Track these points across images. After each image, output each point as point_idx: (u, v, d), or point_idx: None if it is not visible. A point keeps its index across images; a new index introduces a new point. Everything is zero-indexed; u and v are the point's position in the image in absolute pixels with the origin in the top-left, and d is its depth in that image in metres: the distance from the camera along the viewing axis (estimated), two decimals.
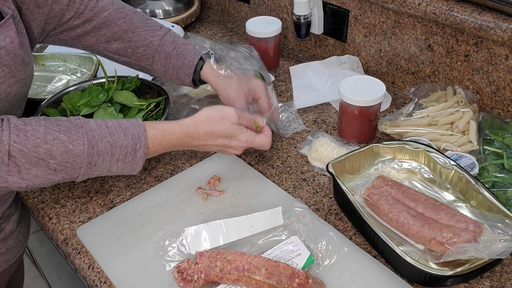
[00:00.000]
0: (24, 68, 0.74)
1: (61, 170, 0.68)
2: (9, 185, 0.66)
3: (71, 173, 0.69)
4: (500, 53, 0.96)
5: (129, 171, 0.74)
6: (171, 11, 1.51)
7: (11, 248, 0.88)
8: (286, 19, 1.39)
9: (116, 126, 0.72)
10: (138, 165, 0.74)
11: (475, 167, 0.87)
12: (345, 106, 0.97)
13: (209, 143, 0.81)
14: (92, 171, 0.70)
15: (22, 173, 0.65)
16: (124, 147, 0.71)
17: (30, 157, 0.64)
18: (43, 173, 0.66)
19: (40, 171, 0.66)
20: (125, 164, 0.73)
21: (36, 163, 0.65)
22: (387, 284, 0.72)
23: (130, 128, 0.73)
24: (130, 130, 0.72)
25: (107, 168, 0.72)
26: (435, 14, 0.99)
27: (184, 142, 0.79)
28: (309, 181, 0.93)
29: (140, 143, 0.72)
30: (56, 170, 0.67)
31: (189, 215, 0.85)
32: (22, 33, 0.75)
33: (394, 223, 0.78)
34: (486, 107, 1.04)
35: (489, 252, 0.68)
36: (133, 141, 0.72)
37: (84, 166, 0.69)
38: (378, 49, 1.19)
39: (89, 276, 0.78)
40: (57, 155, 0.66)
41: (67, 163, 0.67)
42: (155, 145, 0.75)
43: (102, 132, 0.70)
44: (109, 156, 0.70)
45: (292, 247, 0.75)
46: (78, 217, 0.87)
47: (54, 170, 0.67)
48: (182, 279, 0.71)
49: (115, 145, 0.70)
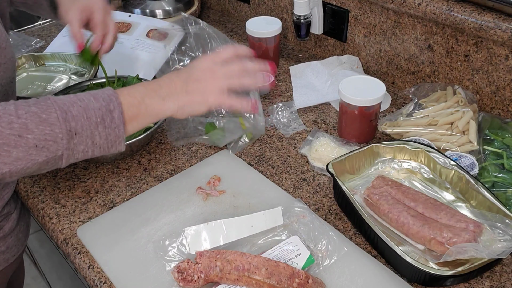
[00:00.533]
0: (2, 52, 0.73)
1: (43, 147, 0.64)
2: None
3: (54, 149, 0.65)
4: (500, 53, 0.96)
5: (114, 138, 0.70)
6: (171, 11, 1.51)
7: (11, 247, 0.88)
8: (286, 19, 1.39)
9: (84, 94, 0.70)
10: (120, 129, 0.70)
11: (475, 167, 0.87)
12: (345, 106, 0.97)
13: (173, 76, 0.77)
14: (75, 144, 0.67)
15: (1, 156, 0.62)
16: (98, 109, 0.68)
17: (6, 136, 0.61)
18: (25, 153, 0.63)
19: (21, 152, 0.63)
20: (107, 130, 0.69)
21: (15, 143, 0.62)
22: (387, 284, 0.72)
23: (99, 93, 0.70)
24: (99, 94, 0.70)
25: (90, 137, 0.68)
26: (435, 14, 0.99)
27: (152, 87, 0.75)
28: (309, 181, 0.93)
29: (112, 103, 0.69)
30: (37, 146, 0.64)
31: (189, 215, 0.85)
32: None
33: (394, 223, 0.78)
34: (486, 107, 1.04)
35: (489, 252, 0.68)
36: (105, 102, 0.69)
37: (64, 136, 0.65)
38: (378, 49, 1.19)
39: (89, 276, 0.78)
40: (33, 127, 0.63)
41: (46, 136, 0.64)
42: (126, 100, 0.71)
43: (71, 99, 0.68)
44: (86, 121, 0.67)
45: (292, 247, 0.75)
46: (78, 217, 0.87)
47: (35, 147, 0.64)
48: (182, 279, 0.71)
49: (88, 108, 0.67)
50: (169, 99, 0.75)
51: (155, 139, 1.05)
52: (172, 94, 0.76)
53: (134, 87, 0.74)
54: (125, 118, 0.70)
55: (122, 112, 0.70)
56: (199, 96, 0.78)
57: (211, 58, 0.81)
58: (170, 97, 0.75)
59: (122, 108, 0.70)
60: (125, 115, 0.71)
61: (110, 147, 0.71)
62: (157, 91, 0.75)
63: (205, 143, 1.02)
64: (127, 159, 0.99)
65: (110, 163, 0.98)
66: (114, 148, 0.71)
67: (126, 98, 0.71)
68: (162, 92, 0.75)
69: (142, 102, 0.73)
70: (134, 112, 0.72)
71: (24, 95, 1.16)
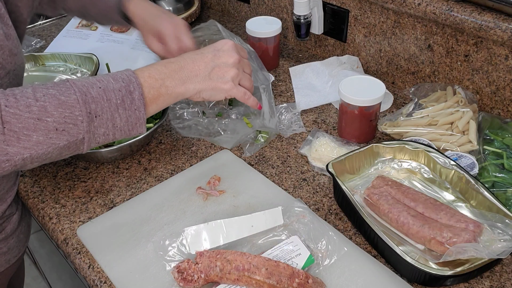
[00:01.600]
0: (13, 59, 0.73)
1: (63, 130, 0.63)
2: (11, 158, 0.61)
3: (75, 132, 0.64)
4: (500, 53, 0.96)
5: (134, 120, 0.69)
6: (171, 11, 1.51)
7: (13, 248, 0.88)
8: (286, 19, 1.39)
9: (103, 76, 0.68)
10: (141, 111, 0.69)
11: (475, 167, 0.87)
12: (345, 106, 0.97)
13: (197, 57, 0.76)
14: (95, 127, 0.66)
15: (21, 140, 0.60)
16: (117, 90, 0.67)
17: (25, 120, 0.60)
18: (45, 137, 0.62)
19: (41, 136, 0.62)
20: (127, 112, 0.67)
21: (34, 126, 0.61)
22: (387, 284, 0.73)
23: (118, 74, 0.69)
24: (119, 75, 0.69)
25: (111, 120, 0.66)
26: (435, 14, 0.99)
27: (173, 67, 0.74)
28: (309, 181, 0.93)
29: (132, 84, 0.68)
30: (57, 130, 0.62)
31: (189, 215, 0.85)
32: (8, 24, 0.72)
33: (394, 223, 0.78)
34: (486, 107, 1.04)
35: (489, 252, 0.68)
36: (124, 83, 0.68)
37: (84, 118, 0.64)
38: (378, 49, 1.19)
39: (89, 276, 0.78)
40: (52, 110, 0.62)
41: (66, 118, 0.63)
42: (147, 81, 0.70)
43: (90, 81, 0.66)
44: (106, 103, 0.65)
45: (292, 247, 0.75)
46: (78, 217, 0.87)
47: (56, 130, 0.62)
48: (182, 279, 0.71)
49: (108, 89, 0.66)
50: (190, 82, 0.74)
51: (155, 139, 1.05)
52: (193, 77, 0.74)
53: (155, 67, 0.73)
54: (145, 99, 0.69)
55: (143, 93, 0.69)
56: (220, 83, 0.77)
57: (236, 46, 0.80)
58: (191, 80, 0.74)
59: (142, 89, 0.69)
60: (146, 96, 0.69)
61: (131, 130, 0.69)
62: (178, 73, 0.74)
63: (213, 143, 1.02)
64: (127, 159, 0.99)
65: (110, 163, 0.98)
66: (135, 131, 0.70)
67: (146, 80, 0.70)
68: (183, 74, 0.74)
69: (162, 84, 0.72)
70: (155, 94, 0.71)
71: None
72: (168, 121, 1.10)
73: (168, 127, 1.08)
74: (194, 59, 0.76)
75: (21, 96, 0.61)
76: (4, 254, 0.86)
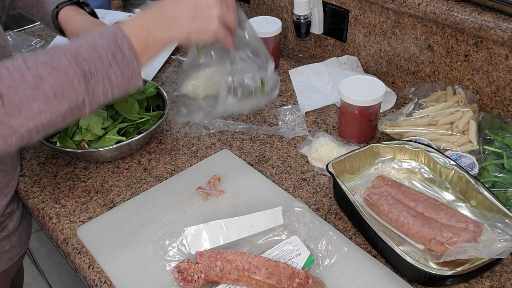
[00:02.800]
0: (2, 51, 0.73)
1: (62, 95, 0.62)
2: (17, 131, 0.60)
3: (74, 95, 0.63)
4: (500, 53, 0.96)
5: (129, 74, 0.68)
6: None
7: (15, 246, 0.88)
8: (286, 19, 1.39)
9: (89, 34, 0.67)
10: (134, 63, 0.68)
11: (475, 167, 0.87)
12: (345, 106, 0.97)
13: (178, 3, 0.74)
14: (93, 87, 0.65)
15: (23, 111, 0.60)
16: (107, 47, 0.66)
17: (22, 90, 0.59)
18: (46, 105, 0.61)
19: (42, 104, 0.61)
20: (120, 66, 0.67)
21: (33, 95, 0.60)
22: (387, 283, 0.72)
23: (103, 30, 0.68)
24: (104, 32, 0.68)
25: (106, 77, 0.66)
26: (435, 14, 0.99)
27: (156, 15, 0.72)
28: (309, 181, 0.93)
29: (119, 37, 0.67)
30: (56, 95, 0.62)
31: (189, 215, 0.85)
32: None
33: (394, 223, 0.78)
34: (486, 107, 1.04)
35: (489, 252, 0.68)
36: (112, 39, 0.67)
37: (80, 79, 0.63)
38: (378, 49, 1.19)
39: (89, 275, 0.78)
40: (47, 76, 0.61)
41: (62, 83, 0.62)
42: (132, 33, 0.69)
43: (78, 42, 0.65)
44: (98, 61, 0.65)
45: (292, 247, 0.75)
46: (78, 217, 0.87)
47: (55, 96, 0.61)
48: (182, 279, 0.71)
49: (97, 47, 0.65)
50: (175, 27, 0.73)
51: (155, 139, 1.05)
52: (178, 22, 0.73)
53: (138, 17, 0.72)
54: (135, 51, 0.68)
55: (132, 46, 0.68)
56: (205, 24, 0.75)
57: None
58: (175, 25, 0.73)
59: (130, 42, 0.68)
60: (135, 49, 0.68)
61: (128, 84, 0.69)
62: (162, 20, 0.72)
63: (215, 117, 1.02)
64: (127, 159, 0.99)
65: (110, 163, 0.98)
66: (132, 85, 0.69)
67: (131, 32, 0.69)
68: (166, 21, 0.73)
69: (148, 33, 0.71)
70: (143, 44, 0.70)
71: None
72: (168, 121, 1.10)
73: (168, 127, 1.08)
74: (175, 3, 0.74)
75: (13, 68, 0.60)
76: (7, 252, 0.86)
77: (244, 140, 1.04)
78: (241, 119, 1.10)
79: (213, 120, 1.08)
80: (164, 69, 1.31)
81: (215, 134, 1.06)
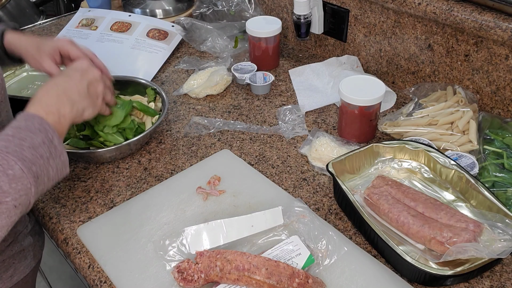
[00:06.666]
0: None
1: (19, 204, 0.61)
2: None
3: (26, 202, 0.63)
4: (500, 52, 0.96)
5: (61, 167, 0.69)
6: (171, 11, 1.51)
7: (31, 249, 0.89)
8: (286, 19, 1.39)
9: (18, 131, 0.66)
10: (64, 155, 0.69)
11: (475, 166, 0.87)
12: (345, 106, 0.97)
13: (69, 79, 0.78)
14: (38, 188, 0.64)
15: None
16: (43, 144, 0.66)
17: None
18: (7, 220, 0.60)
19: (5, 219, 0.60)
20: (56, 161, 0.68)
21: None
22: (387, 283, 0.72)
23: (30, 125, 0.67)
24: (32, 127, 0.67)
25: (46, 174, 0.66)
26: (435, 14, 0.99)
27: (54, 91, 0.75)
28: (309, 181, 0.93)
29: (49, 132, 0.68)
30: (16, 206, 0.61)
31: (189, 214, 0.85)
32: None
33: (394, 222, 0.78)
34: (486, 106, 1.04)
35: (489, 252, 0.68)
36: (43, 134, 0.67)
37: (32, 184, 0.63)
38: (378, 48, 1.19)
39: (89, 275, 0.78)
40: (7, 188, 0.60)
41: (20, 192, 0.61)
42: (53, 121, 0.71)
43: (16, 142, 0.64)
44: (40, 159, 0.65)
45: (292, 246, 0.75)
46: (78, 217, 0.87)
47: (15, 208, 0.61)
48: (182, 279, 0.71)
49: (35, 145, 0.65)
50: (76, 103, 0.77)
51: (155, 139, 1.05)
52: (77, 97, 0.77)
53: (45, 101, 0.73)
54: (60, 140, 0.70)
55: (58, 137, 0.69)
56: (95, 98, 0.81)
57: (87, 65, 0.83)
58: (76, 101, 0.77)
59: (57, 133, 0.69)
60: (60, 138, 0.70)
61: (59, 176, 0.70)
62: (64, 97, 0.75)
63: None
64: (127, 158, 0.99)
65: (110, 162, 0.98)
66: (62, 175, 0.71)
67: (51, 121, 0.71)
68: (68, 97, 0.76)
69: (60, 115, 0.74)
70: (61, 130, 0.73)
71: (24, 94, 1.16)
72: (168, 121, 1.10)
73: (168, 127, 1.08)
74: (68, 81, 0.78)
75: None
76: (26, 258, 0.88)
77: (244, 140, 1.04)
78: (241, 119, 1.10)
79: (213, 119, 1.08)
80: (164, 69, 1.31)
81: (215, 134, 1.06)
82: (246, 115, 1.12)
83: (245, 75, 1.20)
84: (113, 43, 1.34)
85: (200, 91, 1.17)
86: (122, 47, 1.33)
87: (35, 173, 0.63)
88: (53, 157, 0.67)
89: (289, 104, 1.14)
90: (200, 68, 1.25)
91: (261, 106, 1.14)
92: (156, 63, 1.30)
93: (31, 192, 0.63)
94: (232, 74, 1.21)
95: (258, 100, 1.17)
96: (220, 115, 1.12)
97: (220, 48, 1.34)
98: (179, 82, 1.25)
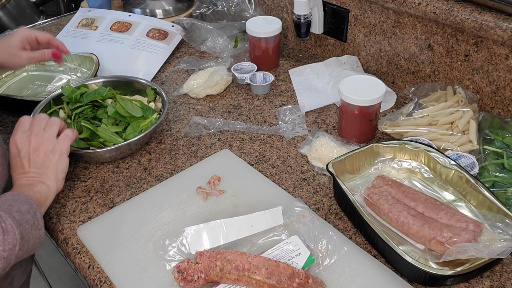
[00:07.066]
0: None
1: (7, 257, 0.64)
2: None
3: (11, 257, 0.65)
4: (500, 52, 0.96)
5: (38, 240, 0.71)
6: (171, 11, 1.51)
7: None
8: (286, 19, 1.39)
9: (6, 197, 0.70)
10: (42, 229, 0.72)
11: (475, 166, 0.87)
12: (345, 106, 0.97)
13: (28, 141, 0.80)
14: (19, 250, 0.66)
15: None
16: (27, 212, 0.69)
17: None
18: None
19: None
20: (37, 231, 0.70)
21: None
22: (387, 283, 0.72)
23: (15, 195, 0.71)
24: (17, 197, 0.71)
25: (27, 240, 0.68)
26: (435, 14, 0.99)
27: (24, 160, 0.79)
28: (309, 181, 0.93)
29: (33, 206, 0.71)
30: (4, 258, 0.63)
31: (189, 214, 0.85)
32: None
33: (394, 222, 0.78)
34: (486, 106, 1.04)
35: (489, 252, 0.68)
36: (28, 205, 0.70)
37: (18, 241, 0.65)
38: (378, 48, 1.19)
39: (89, 275, 0.78)
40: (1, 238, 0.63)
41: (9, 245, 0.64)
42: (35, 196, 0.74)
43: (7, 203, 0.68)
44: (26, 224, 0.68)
45: (292, 246, 0.75)
46: (78, 217, 0.87)
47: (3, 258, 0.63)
48: (182, 279, 0.71)
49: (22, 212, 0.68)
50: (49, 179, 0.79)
51: (155, 139, 1.05)
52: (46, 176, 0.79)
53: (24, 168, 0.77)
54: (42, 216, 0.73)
55: (41, 213, 0.72)
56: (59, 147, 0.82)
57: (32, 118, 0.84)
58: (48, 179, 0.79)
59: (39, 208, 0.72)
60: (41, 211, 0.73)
61: (33, 250, 0.71)
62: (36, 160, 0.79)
63: None
64: (127, 158, 0.99)
65: (110, 162, 0.98)
66: (33, 251, 0.72)
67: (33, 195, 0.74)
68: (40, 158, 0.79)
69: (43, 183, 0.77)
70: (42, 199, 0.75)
71: (24, 94, 1.16)
72: (168, 121, 1.10)
73: (168, 127, 1.08)
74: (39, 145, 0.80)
75: None
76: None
77: (244, 140, 1.04)
78: (241, 119, 1.10)
79: (213, 119, 1.08)
80: (164, 69, 1.31)
81: (215, 134, 1.06)
82: (246, 115, 1.12)
83: (245, 75, 1.20)
84: (113, 43, 1.34)
85: (200, 91, 1.17)
86: (122, 47, 1.33)
87: (21, 233, 0.66)
88: (35, 227, 0.70)
89: (289, 104, 1.14)
90: (200, 68, 1.25)
91: (261, 106, 1.14)
92: (156, 63, 1.30)
93: (15, 249, 0.65)
94: (232, 74, 1.21)
95: (258, 100, 1.17)
96: (220, 115, 1.12)
97: (220, 48, 1.34)
98: (179, 82, 1.25)
